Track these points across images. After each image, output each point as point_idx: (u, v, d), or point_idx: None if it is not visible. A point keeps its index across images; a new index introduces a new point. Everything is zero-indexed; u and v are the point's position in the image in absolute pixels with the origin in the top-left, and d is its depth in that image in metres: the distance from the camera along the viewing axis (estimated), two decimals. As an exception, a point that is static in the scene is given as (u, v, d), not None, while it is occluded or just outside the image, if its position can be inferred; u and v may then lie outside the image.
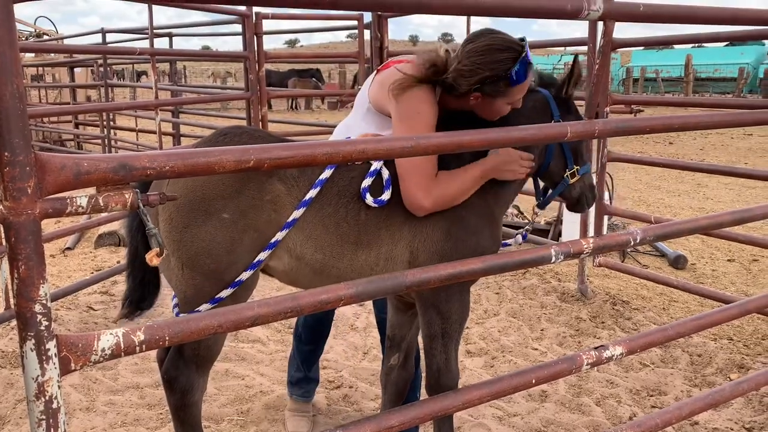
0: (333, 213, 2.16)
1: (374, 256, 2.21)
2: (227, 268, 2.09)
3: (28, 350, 1.14)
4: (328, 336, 3.30)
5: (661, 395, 3.60)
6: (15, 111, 1.07)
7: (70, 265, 5.84)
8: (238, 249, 2.08)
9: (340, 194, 2.18)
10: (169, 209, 2.09)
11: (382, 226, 2.20)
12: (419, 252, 2.23)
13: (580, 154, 2.43)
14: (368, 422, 1.63)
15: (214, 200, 2.06)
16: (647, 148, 14.09)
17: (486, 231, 2.30)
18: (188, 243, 2.07)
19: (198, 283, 2.11)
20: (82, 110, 7.97)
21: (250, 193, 2.08)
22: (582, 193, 2.45)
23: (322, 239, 2.16)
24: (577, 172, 2.40)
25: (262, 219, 2.10)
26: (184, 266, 2.10)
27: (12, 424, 3.20)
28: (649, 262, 6.01)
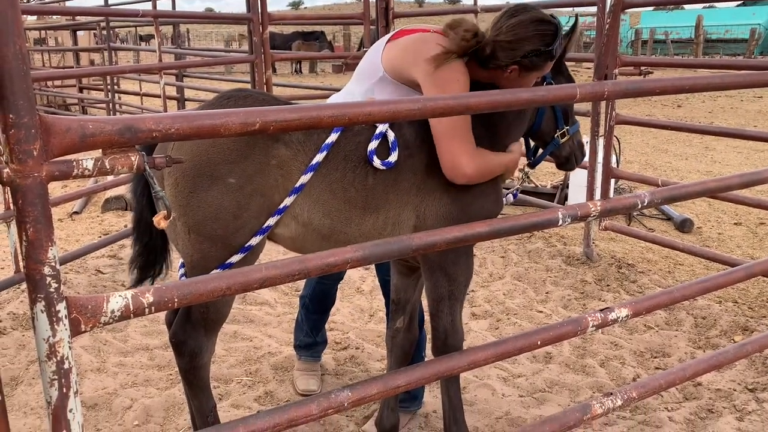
0: (340, 178, 2.16)
1: (382, 220, 2.21)
2: (234, 233, 2.09)
3: (38, 312, 1.16)
4: (334, 304, 3.36)
5: (665, 357, 3.63)
6: (18, 72, 1.06)
7: (78, 229, 5.88)
8: (245, 214, 2.08)
9: (347, 159, 2.17)
10: (175, 174, 2.08)
11: (390, 191, 2.20)
12: (426, 216, 2.23)
13: (570, 113, 2.46)
14: (375, 382, 1.65)
15: (219, 165, 2.05)
16: (655, 111, 13.95)
17: (491, 194, 2.32)
18: (195, 208, 2.07)
19: (205, 248, 2.12)
20: (85, 74, 7.91)
21: (256, 158, 2.07)
22: (571, 152, 2.48)
23: (330, 204, 2.16)
24: (567, 131, 2.43)
25: (268, 184, 2.09)
26: (190, 231, 2.11)
27: (25, 384, 3.26)
28: (655, 225, 6.00)
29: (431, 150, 2.23)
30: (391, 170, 2.19)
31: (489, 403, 3.15)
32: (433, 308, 2.37)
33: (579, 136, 2.51)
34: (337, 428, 2.93)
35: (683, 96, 15.70)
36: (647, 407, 3.11)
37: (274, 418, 1.49)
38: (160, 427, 2.95)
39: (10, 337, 3.70)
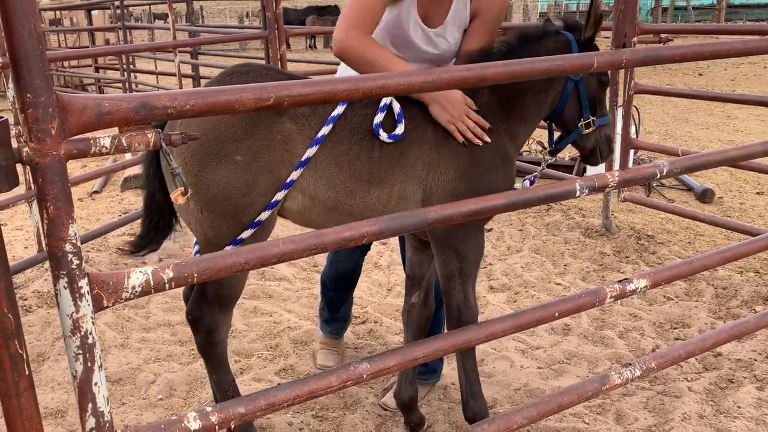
0: (346, 151, 2.16)
1: (386, 194, 2.21)
2: (244, 209, 2.11)
3: (61, 288, 1.18)
4: (353, 287, 3.30)
5: (685, 328, 3.61)
6: (34, 51, 1.07)
7: (98, 208, 5.95)
8: (254, 191, 2.10)
9: (353, 132, 2.17)
10: (183, 154, 2.09)
11: (396, 164, 2.19)
12: (432, 190, 2.22)
13: (599, 104, 2.39)
14: (393, 354, 1.67)
15: (226, 143, 2.06)
16: (675, 80, 13.70)
17: (500, 169, 2.29)
18: (204, 187, 2.09)
19: (217, 225, 2.14)
20: (100, 53, 7.93)
21: (261, 134, 2.08)
22: (596, 145, 2.40)
23: (335, 177, 2.16)
24: (593, 122, 2.36)
25: (274, 159, 2.10)
26: (203, 209, 2.13)
27: (51, 360, 3.34)
28: (676, 196, 5.93)
29: (438, 124, 2.22)
30: (398, 143, 2.18)
31: (507, 375, 3.17)
32: (444, 286, 2.37)
33: (607, 131, 2.42)
34: (356, 400, 2.97)
35: (704, 64, 15.38)
36: (666, 378, 3.11)
37: (294, 390, 1.51)
38: (183, 401, 3.01)
39: (35, 315, 3.77)
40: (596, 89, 2.36)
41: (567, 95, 2.34)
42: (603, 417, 2.83)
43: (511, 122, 2.33)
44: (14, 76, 1.08)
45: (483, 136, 2.23)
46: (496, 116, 2.29)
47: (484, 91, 2.31)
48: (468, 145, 2.23)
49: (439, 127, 2.22)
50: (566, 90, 2.33)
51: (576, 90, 2.33)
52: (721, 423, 2.74)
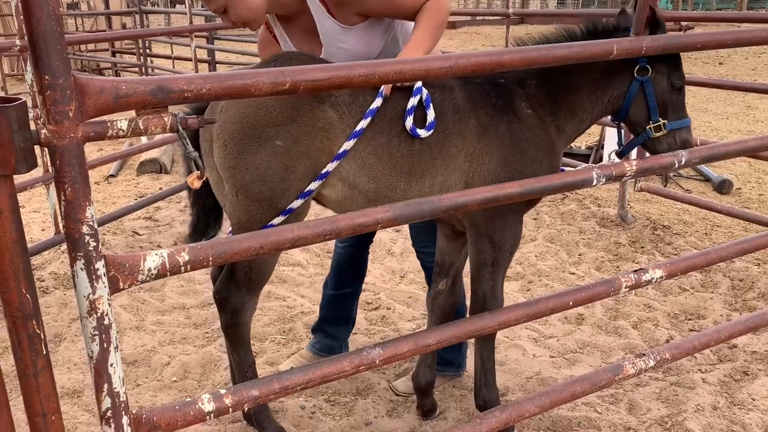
0: (386, 143, 2.14)
1: (428, 186, 2.20)
2: (280, 195, 2.12)
3: (78, 270, 1.19)
4: (357, 281, 3.08)
5: (700, 319, 3.59)
6: (52, 33, 1.07)
7: (114, 192, 5.99)
8: (291, 176, 2.10)
9: (393, 123, 2.15)
10: (223, 137, 2.11)
11: (437, 156, 2.17)
12: (475, 182, 2.20)
13: (672, 107, 2.26)
14: (406, 340, 1.67)
15: (267, 127, 2.07)
16: (695, 69, 13.52)
17: (545, 162, 2.25)
18: (242, 170, 2.10)
19: (252, 210, 2.15)
20: (117, 37, 7.97)
21: (303, 120, 2.08)
22: (669, 150, 2.25)
23: (375, 169, 2.15)
24: (663, 126, 2.25)
25: (314, 146, 2.10)
26: (238, 193, 2.14)
27: (68, 341, 3.38)
28: (693, 186, 5.87)
29: (482, 115, 2.19)
30: (438, 135, 2.16)
31: (520, 363, 3.16)
32: (474, 273, 2.36)
33: (684, 135, 2.28)
34: (368, 385, 2.98)
35: (725, 53, 15.16)
36: (680, 369, 3.10)
37: (307, 374, 1.52)
38: (197, 383, 3.04)
39: (52, 296, 3.82)
40: (667, 91, 2.24)
41: (631, 96, 2.25)
42: (615, 407, 2.83)
43: (559, 116, 2.29)
44: (33, 58, 1.08)
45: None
46: (543, 108, 2.26)
47: (531, 83, 2.27)
48: (511, 137, 2.20)
49: (482, 118, 2.19)
50: (630, 90, 2.24)
51: (642, 91, 2.24)
52: (735, 415, 2.72)
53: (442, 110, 2.18)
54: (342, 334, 3.09)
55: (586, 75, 2.26)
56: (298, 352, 3.17)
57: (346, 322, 3.10)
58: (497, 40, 16.95)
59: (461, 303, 2.84)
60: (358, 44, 2.34)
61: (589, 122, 2.38)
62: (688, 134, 2.30)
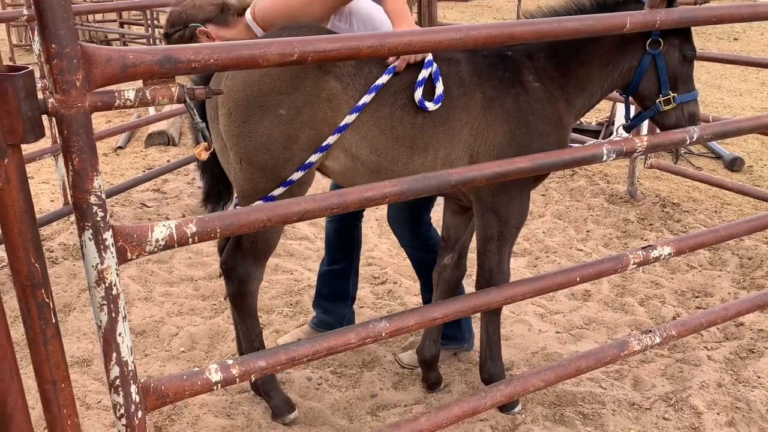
0: (388, 115, 2.13)
1: (431, 159, 2.18)
2: (283, 164, 2.13)
3: (86, 240, 1.19)
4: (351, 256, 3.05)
5: (707, 297, 3.58)
6: (58, 1, 1.06)
7: (123, 164, 6.00)
8: (294, 146, 2.11)
9: (396, 96, 2.14)
10: (228, 104, 2.11)
11: (439, 130, 2.16)
12: (480, 156, 2.19)
13: (682, 79, 2.26)
14: (412, 314, 1.67)
15: (270, 96, 2.08)
16: (709, 45, 13.31)
17: (553, 136, 2.23)
18: (246, 138, 2.11)
19: (255, 178, 2.16)
20: (125, 7, 7.91)
21: (306, 90, 2.08)
22: (677, 123, 2.26)
23: (377, 141, 2.15)
24: (673, 99, 2.24)
25: (317, 116, 2.10)
26: (242, 160, 2.15)
27: (77, 311, 3.41)
28: (704, 164, 5.82)
29: (488, 88, 2.17)
30: (442, 109, 2.15)
31: (525, 339, 3.18)
32: (481, 247, 2.36)
33: (692, 108, 2.28)
34: (374, 358, 3.00)
35: (740, 27, 14.90)
36: (686, 346, 3.10)
37: (314, 345, 1.53)
38: (205, 354, 3.07)
39: (61, 267, 3.85)
40: (678, 64, 2.23)
41: (643, 69, 2.23)
42: (620, 383, 2.84)
43: (568, 90, 2.27)
44: (39, 26, 1.07)
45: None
46: (552, 81, 2.23)
47: (540, 55, 2.24)
48: (518, 111, 2.18)
49: (488, 91, 2.17)
50: (642, 64, 2.22)
51: (654, 64, 2.22)
52: (740, 392, 2.73)
53: (448, 83, 2.17)
54: (338, 310, 3.07)
55: (597, 48, 2.23)
56: (299, 328, 3.19)
57: (342, 299, 3.08)
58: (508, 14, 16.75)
59: None
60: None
61: (600, 96, 2.35)
62: (696, 107, 2.30)
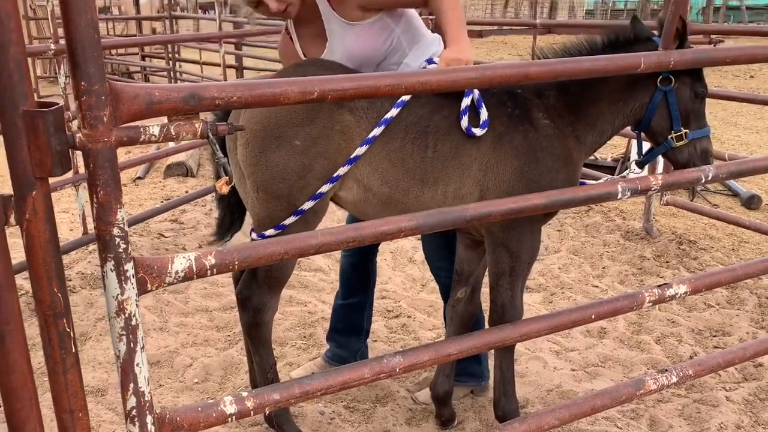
0: (399, 148, 2.18)
1: (441, 193, 2.21)
2: (298, 193, 2.18)
3: (108, 271, 1.22)
4: (367, 289, 3.05)
5: (725, 336, 3.53)
6: (90, 41, 1.10)
7: (141, 194, 6.08)
8: (309, 175, 2.16)
9: (407, 130, 2.18)
10: (246, 135, 2.20)
11: (450, 164, 2.19)
12: (489, 191, 2.21)
13: (694, 116, 2.27)
14: (427, 349, 1.68)
15: (286, 127, 2.14)
16: (725, 82, 13.34)
17: (562, 172, 2.24)
18: (263, 167, 2.17)
19: (271, 206, 2.22)
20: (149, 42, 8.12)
21: (321, 122, 2.15)
22: (690, 159, 2.27)
23: (388, 173, 2.19)
24: (685, 135, 2.24)
25: (332, 148, 2.16)
26: (258, 189, 2.21)
27: (93, 340, 3.44)
28: (720, 201, 5.79)
29: (497, 124, 2.21)
30: (452, 144, 2.19)
31: (540, 376, 3.15)
32: (493, 282, 2.36)
33: (705, 144, 2.28)
34: (387, 393, 2.98)
35: (757, 66, 14.93)
36: (704, 386, 3.05)
37: (328, 379, 1.54)
38: (219, 385, 3.07)
39: (79, 296, 3.89)
40: (689, 101, 2.25)
41: (654, 106, 2.24)
42: (636, 422, 2.80)
43: (578, 127, 2.29)
44: (71, 64, 1.11)
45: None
46: (562, 119, 2.26)
47: (549, 93, 2.27)
48: (527, 147, 2.21)
49: (498, 128, 2.21)
50: (654, 100, 2.24)
51: (665, 101, 2.23)
52: (759, 435, 2.68)
53: (457, 120, 2.20)
54: (352, 345, 3.06)
55: (608, 86, 2.25)
56: (313, 361, 3.19)
57: (357, 334, 3.07)
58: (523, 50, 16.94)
59: (480, 313, 2.84)
60: (356, 42, 2.37)
61: (611, 133, 2.37)
62: (708, 143, 2.30)
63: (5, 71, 1.07)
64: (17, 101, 1.08)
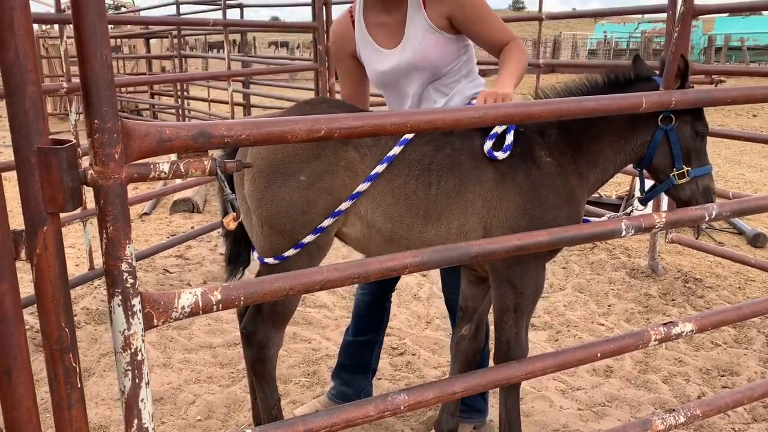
0: (403, 185, 2.20)
1: (444, 230, 2.23)
2: (302, 228, 2.20)
3: (115, 306, 1.23)
4: (374, 333, 3.02)
5: (733, 375, 3.50)
6: (104, 80, 1.13)
7: (147, 230, 6.11)
8: (313, 210, 2.18)
9: (411, 167, 2.21)
10: (252, 171, 2.23)
11: (453, 201, 2.21)
12: (493, 227, 2.23)
13: (695, 154, 2.29)
14: (432, 387, 1.67)
15: (292, 163, 2.18)
16: (728, 121, 13.44)
17: (564, 209, 2.26)
18: (268, 202, 2.20)
19: (275, 240, 2.24)
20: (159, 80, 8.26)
21: (326, 159, 2.18)
22: (692, 196, 2.29)
23: (392, 209, 2.21)
24: (687, 173, 2.27)
25: (336, 183, 2.18)
26: (263, 224, 2.24)
27: (96, 376, 3.42)
28: (726, 239, 5.78)
29: (500, 163, 2.23)
30: (455, 181, 2.21)
31: (546, 415, 3.11)
32: (498, 319, 2.36)
33: (707, 182, 2.30)
34: (392, 431, 2.95)
35: (759, 105, 15.06)
36: (713, 426, 3.01)
37: (332, 417, 1.53)
38: (222, 423, 3.04)
39: (83, 331, 3.88)
40: (690, 139, 2.27)
41: (656, 144, 2.27)
42: (644, 464, 2.75)
43: (580, 164, 2.31)
44: (84, 102, 1.14)
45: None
46: (564, 156, 2.29)
47: (551, 131, 2.30)
48: (530, 184, 2.24)
49: (501, 166, 2.24)
50: (655, 139, 2.26)
51: (667, 139, 2.26)
52: (770, 477, 2.63)
53: (461, 157, 2.23)
54: (358, 383, 3.04)
55: (609, 124, 2.28)
56: (317, 398, 3.16)
57: (364, 371, 3.05)
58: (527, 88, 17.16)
59: (485, 348, 2.83)
60: (433, 48, 2.45)
61: (613, 170, 2.40)
62: (711, 181, 2.32)
63: (21, 110, 1.09)
64: (32, 138, 1.11)
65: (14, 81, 1.09)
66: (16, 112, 1.10)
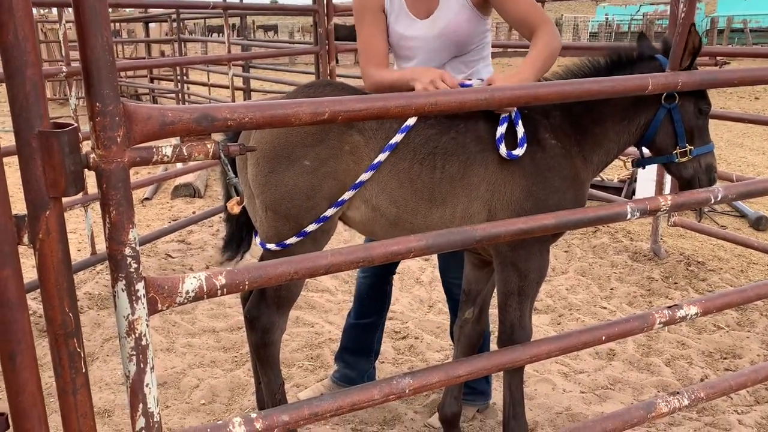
0: (407, 169, 2.18)
1: (449, 213, 2.22)
2: (306, 212, 2.19)
3: (119, 290, 1.22)
4: (376, 316, 3.05)
5: (736, 358, 3.50)
6: (105, 62, 1.12)
7: (149, 215, 6.11)
8: (317, 195, 2.17)
9: (416, 151, 2.19)
10: (256, 155, 2.22)
11: (457, 185, 2.20)
12: (498, 211, 2.21)
13: (698, 132, 2.28)
14: (437, 371, 1.66)
15: (296, 148, 2.16)
16: (730, 104, 13.37)
17: (569, 192, 2.24)
18: (272, 187, 2.19)
19: (279, 226, 2.23)
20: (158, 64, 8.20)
21: (330, 143, 2.16)
22: (695, 174, 2.28)
23: (396, 193, 2.19)
24: (689, 151, 2.26)
25: (341, 168, 2.17)
26: (267, 209, 2.22)
27: (100, 360, 3.43)
28: (728, 222, 5.77)
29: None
30: (460, 165, 2.19)
31: (549, 398, 3.12)
32: (501, 302, 2.35)
33: (709, 160, 2.30)
34: (396, 415, 2.96)
35: (761, 87, 14.98)
36: (715, 409, 3.02)
37: (337, 400, 1.53)
38: (225, 407, 3.05)
39: (86, 316, 3.89)
40: (694, 117, 2.26)
41: (658, 123, 2.26)
42: (647, 446, 2.76)
43: (584, 146, 2.29)
44: (86, 85, 1.13)
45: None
46: (568, 139, 2.27)
47: (555, 113, 2.29)
48: (535, 167, 2.22)
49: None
50: (657, 118, 2.25)
51: (670, 117, 2.25)
52: (773, 459, 2.64)
53: (465, 140, 2.21)
54: (361, 365, 3.05)
55: (612, 106, 2.26)
56: (320, 382, 3.17)
57: (366, 354, 3.06)
58: (529, 72, 17.09)
59: (487, 332, 2.83)
60: (464, 24, 2.43)
61: (617, 151, 2.38)
62: (713, 158, 2.32)
63: (21, 92, 1.08)
64: (33, 122, 1.09)
65: (14, 64, 1.07)
66: (16, 95, 1.08)
